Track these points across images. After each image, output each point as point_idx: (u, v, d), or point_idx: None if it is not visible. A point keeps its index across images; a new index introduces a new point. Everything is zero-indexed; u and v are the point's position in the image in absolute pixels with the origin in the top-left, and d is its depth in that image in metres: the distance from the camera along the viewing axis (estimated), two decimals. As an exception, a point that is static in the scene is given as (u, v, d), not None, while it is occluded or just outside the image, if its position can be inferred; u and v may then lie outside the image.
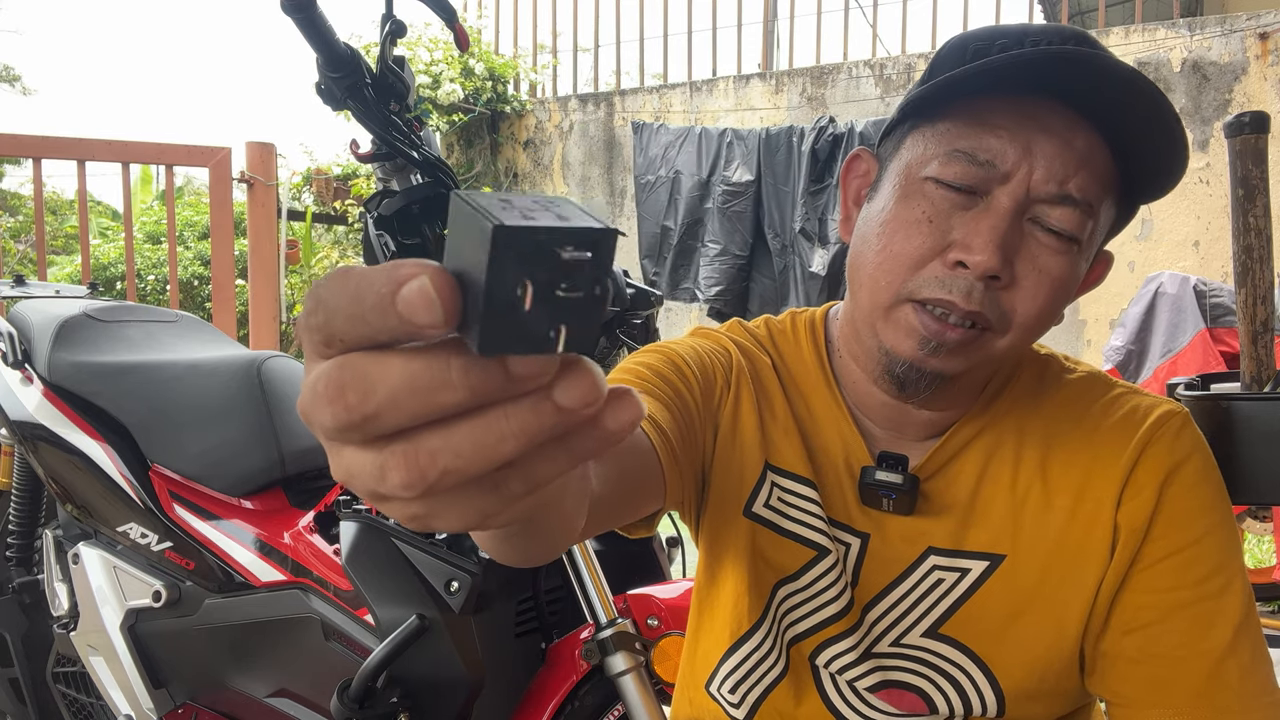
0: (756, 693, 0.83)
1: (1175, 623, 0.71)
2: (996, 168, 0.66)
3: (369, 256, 1.41)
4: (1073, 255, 0.68)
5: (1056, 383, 0.80)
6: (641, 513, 0.72)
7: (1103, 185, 0.68)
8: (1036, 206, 0.67)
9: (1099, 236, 0.72)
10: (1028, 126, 0.66)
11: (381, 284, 0.25)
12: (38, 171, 3.82)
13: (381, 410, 0.26)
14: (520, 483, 0.28)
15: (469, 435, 0.26)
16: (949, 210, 0.68)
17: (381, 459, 0.27)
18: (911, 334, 0.69)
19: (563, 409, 0.26)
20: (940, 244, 0.68)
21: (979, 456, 0.78)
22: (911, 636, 0.78)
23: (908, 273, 0.68)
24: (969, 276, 0.66)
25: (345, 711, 1.29)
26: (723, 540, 0.84)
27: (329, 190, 5.71)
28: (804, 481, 0.80)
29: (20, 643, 1.96)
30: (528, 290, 0.24)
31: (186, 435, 1.69)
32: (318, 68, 1.31)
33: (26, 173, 11.52)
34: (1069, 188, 0.66)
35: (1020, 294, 0.68)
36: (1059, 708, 0.78)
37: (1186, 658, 0.70)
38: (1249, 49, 4.39)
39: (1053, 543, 0.75)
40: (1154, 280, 3.35)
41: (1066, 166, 0.66)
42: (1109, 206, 0.71)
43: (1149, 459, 0.73)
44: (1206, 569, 0.71)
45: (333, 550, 1.51)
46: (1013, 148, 0.66)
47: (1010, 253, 0.66)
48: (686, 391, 0.77)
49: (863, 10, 5.73)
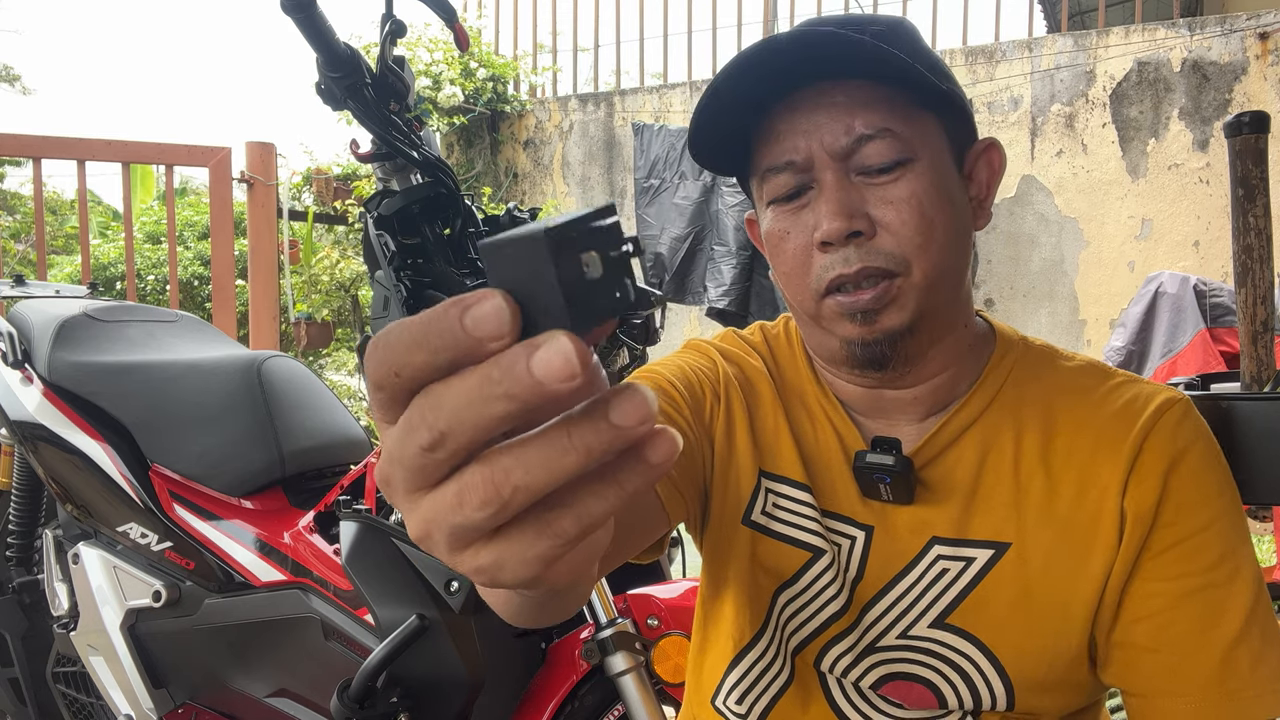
0: (763, 703, 0.83)
1: (1185, 610, 0.71)
2: (797, 161, 0.74)
3: (369, 256, 1.41)
4: (913, 172, 0.73)
5: (1054, 371, 0.81)
6: (646, 543, 0.76)
7: (889, 108, 0.73)
8: (849, 162, 0.73)
9: (932, 141, 0.75)
10: (797, 114, 0.74)
11: (445, 315, 0.28)
12: (38, 171, 3.82)
13: (451, 426, 0.28)
14: (572, 521, 0.30)
15: (537, 450, 0.29)
16: (795, 215, 0.75)
17: (459, 485, 0.29)
18: (841, 317, 0.74)
19: (618, 427, 0.29)
20: (808, 242, 0.75)
21: (977, 443, 0.78)
22: (919, 628, 0.78)
23: (803, 278, 0.75)
24: (836, 248, 0.73)
25: (345, 711, 1.29)
26: (724, 551, 0.84)
27: (329, 190, 5.71)
28: (797, 485, 0.82)
29: (20, 643, 1.96)
30: (594, 260, 0.29)
31: (186, 435, 1.69)
32: (318, 68, 1.31)
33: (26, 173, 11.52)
34: (857, 130, 0.72)
35: (890, 230, 0.72)
36: (1069, 701, 0.78)
37: (1198, 645, 0.71)
38: (1249, 49, 4.39)
39: (1057, 530, 0.75)
40: (1154, 280, 3.35)
41: (842, 119, 0.72)
42: (918, 114, 0.74)
43: (1152, 446, 0.74)
44: (1214, 556, 0.72)
45: (333, 550, 1.51)
46: (797, 137, 0.73)
47: (855, 209, 0.72)
48: (677, 414, 0.81)
49: (862, 10, 5.73)
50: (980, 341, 0.82)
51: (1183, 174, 4.54)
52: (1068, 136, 4.77)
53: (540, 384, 0.27)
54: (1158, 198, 4.59)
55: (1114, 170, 4.68)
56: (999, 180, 0.81)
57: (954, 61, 5.01)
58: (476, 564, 0.31)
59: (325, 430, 1.77)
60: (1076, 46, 4.77)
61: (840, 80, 0.73)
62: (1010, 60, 4.90)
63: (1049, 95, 4.81)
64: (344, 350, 6.59)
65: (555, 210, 5.85)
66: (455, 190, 1.39)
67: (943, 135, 0.75)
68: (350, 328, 6.24)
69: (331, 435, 1.78)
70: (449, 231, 1.41)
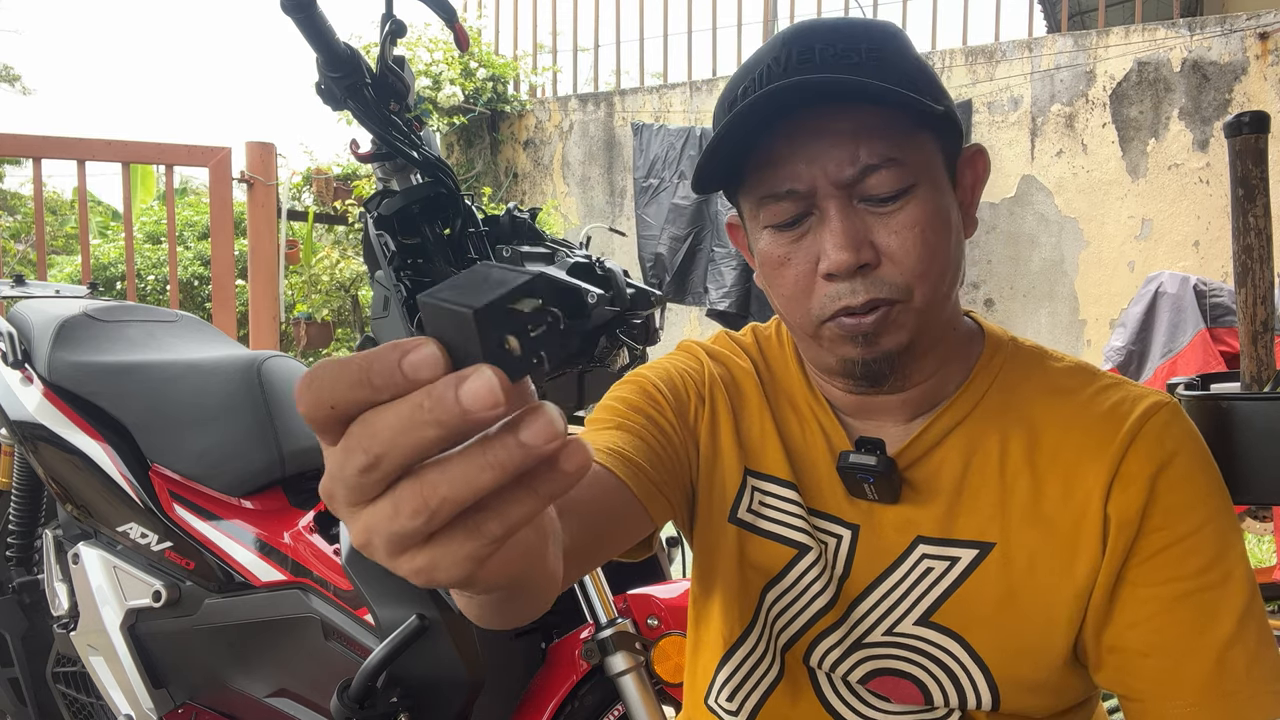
0: (754, 700, 0.84)
1: (1179, 613, 0.71)
2: (799, 190, 0.72)
3: (369, 256, 1.41)
4: (916, 199, 0.72)
5: (1043, 372, 0.81)
6: (628, 544, 0.78)
7: (892, 133, 0.72)
8: (854, 190, 0.72)
9: (931, 161, 0.74)
10: (800, 141, 0.72)
11: (385, 357, 0.32)
12: (38, 171, 3.82)
13: (385, 450, 0.32)
14: (497, 523, 0.34)
15: (458, 467, 0.32)
16: (796, 241, 0.74)
17: (394, 497, 0.33)
18: (842, 340, 0.74)
19: (526, 445, 0.32)
20: (810, 269, 0.74)
21: (962, 444, 0.79)
22: (904, 625, 0.78)
23: (804, 303, 0.75)
24: (842, 280, 0.72)
25: (345, 711, 1.29)
26: (712, 550, 0.85)
27: (329, 190, 5.71)
28: (783, 484, 0.83)
29: (20, 643, 1.96)
30: (514, 341, 0.32)
31: (186, 435, 1.69)
32: (318, 68, 1.31)
33: (26, 173, 11.53)
34: (862, 160, 0.71)
35: (895, 259, 0.72)
36: (1056, 701, 0.78)
37: (1192, 648, 0.71)
38: (1249, 49, 4.39)
39: (1042, 532, 0.75)
40: (1154, 280, 3.35)
41: (847, 148, 0.71)
42: (917, 136, 0.73)
43: (1138, 451, 0.74)
44: (1206, 559, 0.72)
45: (333, 550, 1.51)
46: (798, 164, 0.72)
47: (861, 238, 0.72)
48: (659, 415, 0.83)
49: (863, 10, 5.72)
50: (968, 342, 0.83)
51: (1183, 174, 4.54)
52: (1068, 136, 4.77)
53: (467, 412, 0.31)
54: (1158, 198, 4.59)
55: (1114, 170, 4.68)
56: (983, 185, 0.81)
57: (954, 61, 5.01)
58: (413, 566, 0.34)
59: (325, 430, 1.77)
60: (1076, 46, 4.77)
61: (841, 104, 0.71)
62: (1010, 60, 4.90)
63: (1049, 95, 4.81)
64: (344, 350, 6.59)
65: (555, 210, 5.85)
66: (455, 190, 1.39)
67: (939, 152, 0.75)
68: (350, 328, 6.25)
69: (331, 435, 1.77)
70: (449, 231, 1.41)
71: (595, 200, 5.96)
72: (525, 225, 1.47)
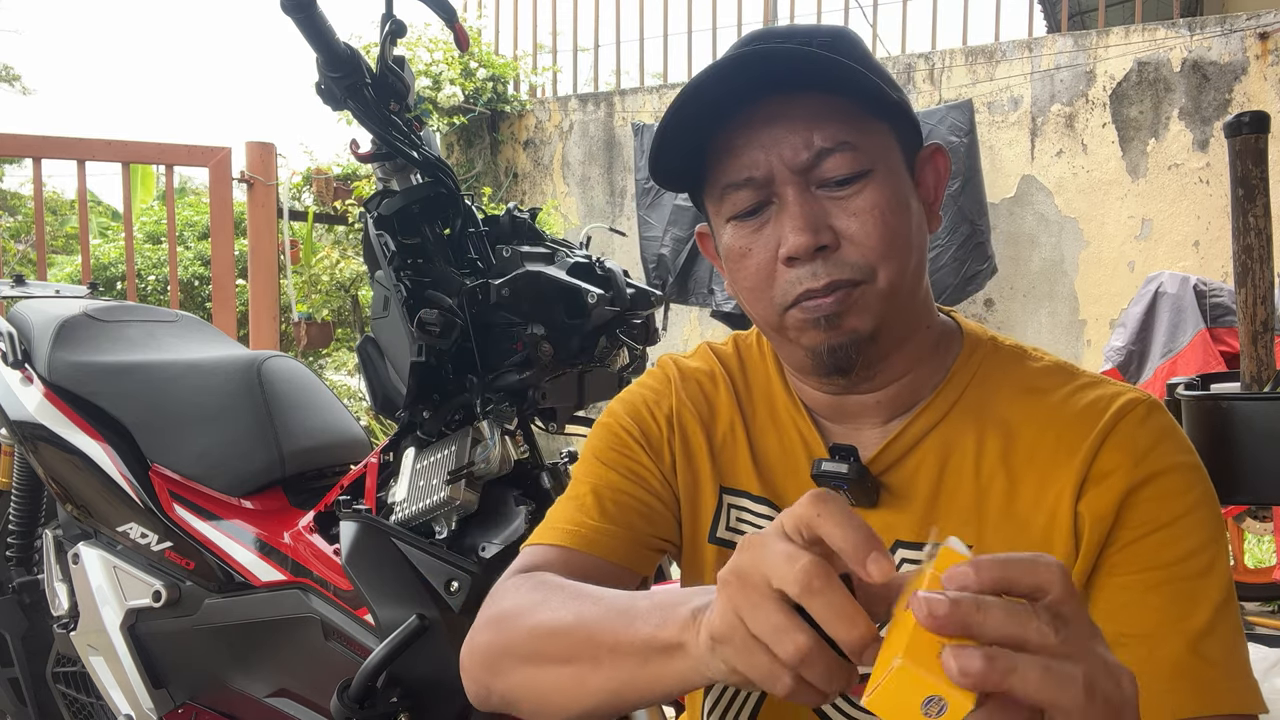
0: (745, 713, 0.84)
1: (1154, 600, 0.71)
2: (757, 177, 0.74)
3: (369, 256, 1.42)
4: (873, 183, 0.73)
5: (1021, 372, 0.80)
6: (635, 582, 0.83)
7: (847, 118, 0.73)
8: (810, 175, 0.73)
9: (888, 151, 0.75)
10: (754, 129, 0.73)
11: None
12: (38, 171, 3.82)
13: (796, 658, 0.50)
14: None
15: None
16: (757, 230, 0.75)
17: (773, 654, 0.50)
18: (806, 325, 0.75)
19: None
20: (771, 257, 0.75)
21: (939, 446, 0.78)
22: None
23: (766, 292, 0.76)
24: (802, 263, 0.73)
25: (345, 711, 1.29)
26: (696, 570, 0.87)
27: (329, 190, 5.70)
28: (756, 499, 0.84)
29: (20, 643, 1.96)
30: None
31: (186, 435, 1.69)
32: (318, 68, 1.31)
33: (26, 173, 11.51)
34: (816, 145, 0.72)
35: (855, 241, 0.73)
36: None
37: (1167, 636, 0.70)
38: (1249, 49, 4.39)
39: (1016, 530, 0.75)
40: (1154, 280, 3.35)
41: (801, 133, 0.72)
42: (872, 123, 0.74)
43: (1111, 448, 0.73)
44: (1184, 550, 0.71)
45: (333, 550, 1.51)
46: (755, 152, 0.73)
47: (820, 222, 0.73)
48: (634, 462, 0.86)
49: (863, 10, 5.73)
50: (945, 341, 0.82)
51: (1183, 174, 4.54)
52: (1068, 136, 4.77)
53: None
54: (1158, 198, 4.59)
55: (1114, 170, 4.68)
56: (945, 185, 0.82)
57: (954, 61, 5.01)
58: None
59: (325, 430, 1.77)
60: (1076, 46, 4.77)
61: (795, 93, 0.73)
62: (1010, 60, 4.90)
63: (1049, 95, 4.81)
64: (344, 350, 6.59)
65: (555, 210, 5.85)
66: (455, 190, 1.39)
67: (895, 144, 0.76)
68: (350, 328, 6.24)
69: (331, 435, 1.78)
70: (449, 231, 1.41)
71: (595, 200, 5.96)
72: (525, 225, 1.47)
